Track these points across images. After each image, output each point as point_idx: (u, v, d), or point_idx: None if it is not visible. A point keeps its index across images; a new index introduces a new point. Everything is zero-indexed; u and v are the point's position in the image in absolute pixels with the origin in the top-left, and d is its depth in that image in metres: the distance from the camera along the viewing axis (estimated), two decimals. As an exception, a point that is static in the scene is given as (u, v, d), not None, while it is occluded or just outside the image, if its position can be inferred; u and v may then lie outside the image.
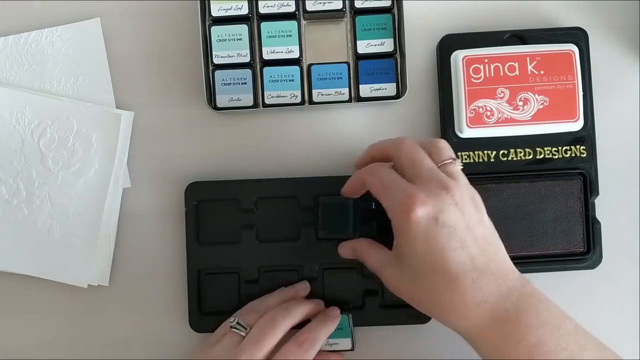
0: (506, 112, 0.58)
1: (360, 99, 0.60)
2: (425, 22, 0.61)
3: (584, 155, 0.59)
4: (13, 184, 0.60)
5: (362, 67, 0.59)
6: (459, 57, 0.58)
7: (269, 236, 0.59)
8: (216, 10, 0.59)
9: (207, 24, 0.60)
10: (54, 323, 0.60)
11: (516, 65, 0.58)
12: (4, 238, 0.60)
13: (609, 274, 0.60)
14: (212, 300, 0.59)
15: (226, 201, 0.59)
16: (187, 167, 0.61)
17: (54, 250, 0.59)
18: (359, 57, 0.60)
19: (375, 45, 0.59)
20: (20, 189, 0.60)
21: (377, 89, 0.59)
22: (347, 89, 0.59)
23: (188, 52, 0.61)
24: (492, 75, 0.58)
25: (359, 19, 0.59)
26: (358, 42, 0.59)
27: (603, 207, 0.59)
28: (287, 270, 0.58)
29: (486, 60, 0.58)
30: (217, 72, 0.59)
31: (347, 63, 0.60)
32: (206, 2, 0.59)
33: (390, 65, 0.59)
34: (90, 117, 0.60)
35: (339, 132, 0.61)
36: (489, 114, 0.58)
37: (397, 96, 0.59)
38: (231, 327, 0.53)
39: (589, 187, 0.59)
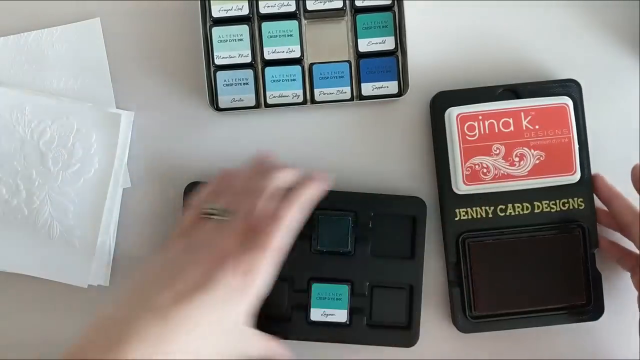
0: (502, 168, 0.57)
1: (362, 98, 0.59)
2: (425, 22, 0.61)
3: (582, 207, 0.58)
4: (13, 184, 0.59)
5: (364, 65, 0.59)
6: (452, 114, 0.57)
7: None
8: (217, 11, 0.59)
9: (208, 24, 0.60)
10: (54, 323, 0.60)
11: (511, 120, 0.57)
12: (4, 238, 0.59)
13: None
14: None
15: (227, 201, 0.58)
16: (187, 167, 0.60)
17: (54, 250, 0.59)
18: (360, 56, 0.59)
19: (376, 43, 0.59)
20: (20, 189, 0.59)
21: (379, 87, 0.59)
22: (348, 88, 0.59)
23: (189, 52, 0.60)
24: (487, 131, 0.57)
25: (360, 17, 0.59)
26: (359, 40, 0.59)
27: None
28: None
29: (480, 117, 0.57)
30: (219, 73, 0.59)
31: (349, 62, 0.60)
32: (206, 2, 0.59)
33: (392, 63, 0.59)
34: (90, 117, 0.60)
35: (342, 131, 0.61)
36: (485, 170, 0.57)
37: (399, 94, 0.59)
38: (213, 215, 0.48)
39: (588, 238, 0.58)
